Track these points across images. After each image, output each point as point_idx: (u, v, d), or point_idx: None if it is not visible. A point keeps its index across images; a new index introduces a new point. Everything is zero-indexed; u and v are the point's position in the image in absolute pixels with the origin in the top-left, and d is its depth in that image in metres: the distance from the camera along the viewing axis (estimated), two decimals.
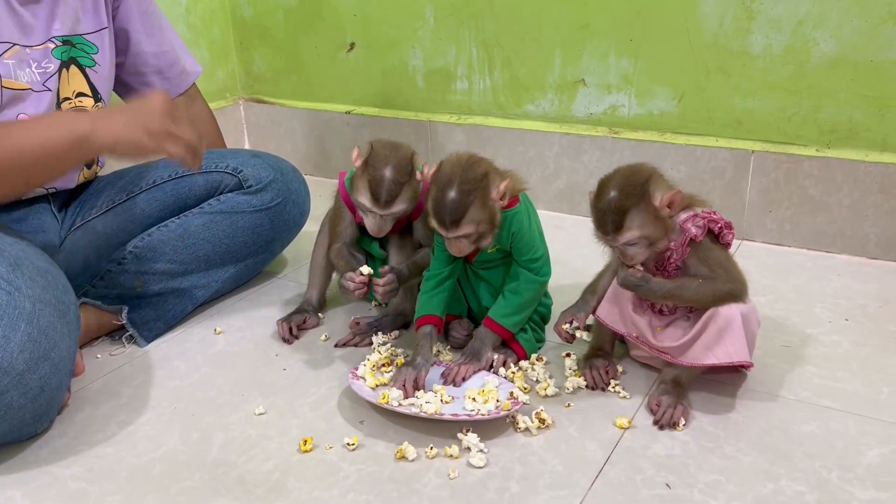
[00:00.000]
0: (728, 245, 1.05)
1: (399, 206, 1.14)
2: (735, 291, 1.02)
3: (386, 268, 1.18)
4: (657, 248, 1.01)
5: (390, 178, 1.11)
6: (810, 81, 1.45)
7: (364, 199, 1.13)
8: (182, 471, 0.97)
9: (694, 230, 1.00)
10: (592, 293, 1.13)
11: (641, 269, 1.03)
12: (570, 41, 1.65)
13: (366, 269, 1.17)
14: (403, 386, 1.06)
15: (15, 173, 1.08)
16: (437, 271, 1.14)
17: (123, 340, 1.27)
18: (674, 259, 1.02)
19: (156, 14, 1.40)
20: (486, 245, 1.08)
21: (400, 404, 1.04)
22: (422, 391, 1.06)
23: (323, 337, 1.27)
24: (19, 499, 0.93)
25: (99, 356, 1.24)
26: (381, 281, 1.17)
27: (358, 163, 1.15)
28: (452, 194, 1.02)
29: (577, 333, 1.11)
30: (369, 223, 1.16)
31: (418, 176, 1.15)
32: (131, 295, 1.23)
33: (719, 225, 1.02)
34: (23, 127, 1.10)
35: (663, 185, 1.01)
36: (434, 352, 1.19)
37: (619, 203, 0.98)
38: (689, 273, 1.03)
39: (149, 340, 1.27)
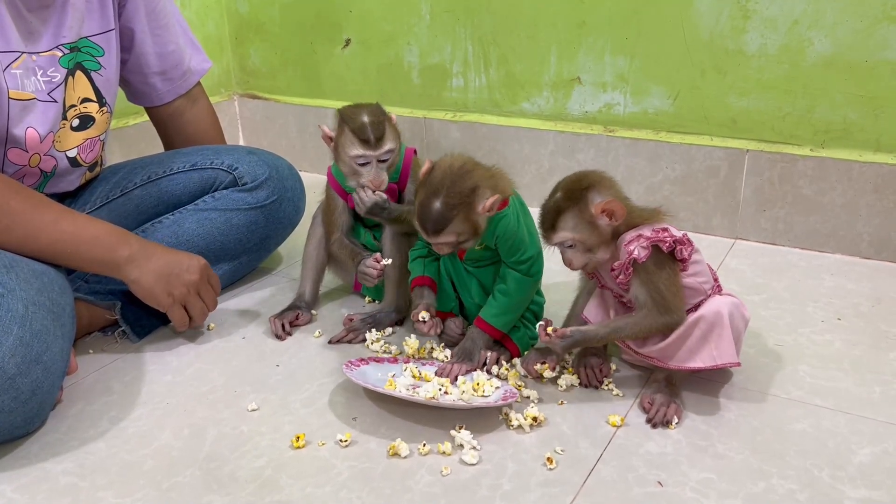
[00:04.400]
0: (685, 260, 1.01)
1: (389, 144, 1.18)
2: (670, 324, 1.00)
3: (379, 256, 1.19)
4: (597, 256, 1.02)
5: (371, 119, 1.17)
6: (805, 81, 1.46)
7: (356, 148, 1.17)
8: (174, 466, 0.97)
9: (637, 252, 0.99)
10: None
11: (563, 330, 1.02)
12: (566, 39, 1.65)
13: (386, 260, 1.19)
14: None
15: (31, 252, 1.10)
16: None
17: (116, 336, 1.26)
18: (620, 279, 1.01)
19: (164, 12, 1.37)
20: (471, 246, 1.09)
21: (405, 390, 1.04)
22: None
23: (316, 333, 1.27)
24: (10, 494, 0.93)
25: (91, 351, 1.24)
26: (366, 197, 1.19)
27: (332, 134, 1.22)
28: (437, 205, 1.03)
29: (546, 373, 1.09)
30: (366, 176, 1.18)
31: (394, 119, 1.22)
32: (124, 290, 1.22)
33: (667, 244, 0.99)
34: (73, 222, 1.12)
35: (607, 193, 1.00)
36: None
37: (557, 204, 1.01)
38: (634, 293, 1.02)
39: (141, 336, 1.26)
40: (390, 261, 1.20)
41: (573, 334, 1.02)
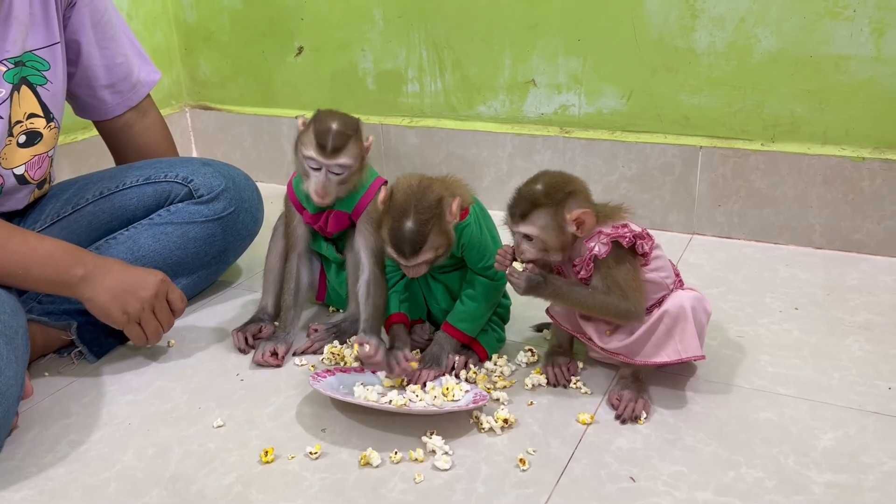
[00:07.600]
0: (646, 255, 1.02)
1: (344, 159, 1.13)
2: (626, 311, 1.01)
3: (358, 338, 1.14)
4: (549, 256, 1.02)
5: (338, 129, 1.12)
6: (754, 77, 1.49)
7: (310, 150, 1.13)
8: (138, 488, 0.94)
9: (597, 248, 1.00)
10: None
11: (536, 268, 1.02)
12: (520, 41, 1.66)
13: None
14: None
15: None
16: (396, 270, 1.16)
17: (72, 357, 1.22)
18: (581, 275, 1.02)
19: (110, 24, 1.34)
20: (444, 260, 1.09)
21: (375, 398, 1.04)
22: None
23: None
24: None
25: (47, 374, 1.20)
26: (368, 354, 1.12)
27: (303, 128, 1.17)
28: (410, 224, 1.02)
29: (517, 264, 1.03)
30: (313, 183, 1.14)
31: (364, 143, 1.16)
32: (79, 310, 1.19)
33: (627, 239, 1.01)
34: (24, 242, 1.10)
35: (584, 204, 1.01)
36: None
37: (535, 197, 1.00)
38: (594, 285, 1.02)
39: (99, 356, 1.23)
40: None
41: (541, 275, 1.01)
